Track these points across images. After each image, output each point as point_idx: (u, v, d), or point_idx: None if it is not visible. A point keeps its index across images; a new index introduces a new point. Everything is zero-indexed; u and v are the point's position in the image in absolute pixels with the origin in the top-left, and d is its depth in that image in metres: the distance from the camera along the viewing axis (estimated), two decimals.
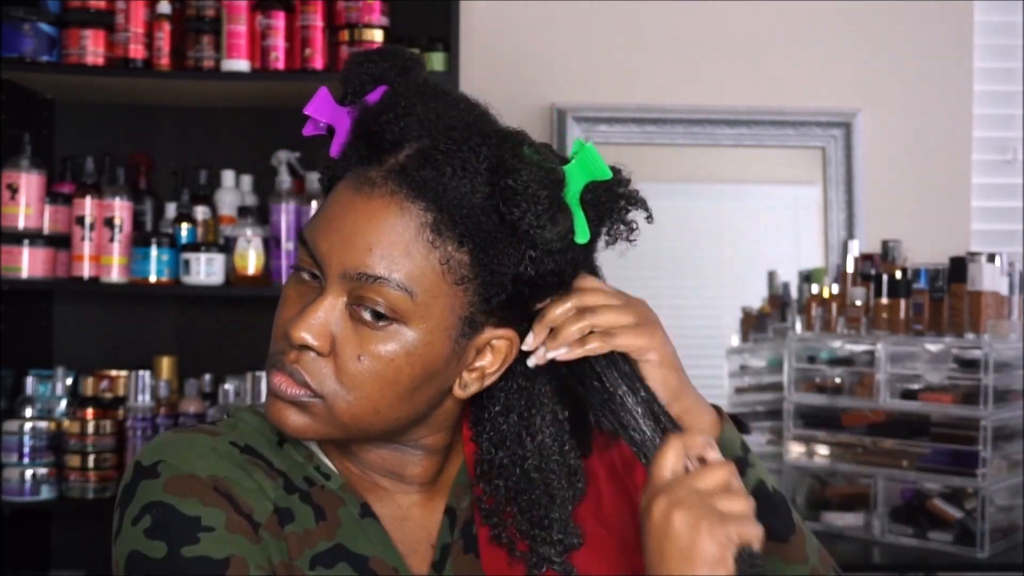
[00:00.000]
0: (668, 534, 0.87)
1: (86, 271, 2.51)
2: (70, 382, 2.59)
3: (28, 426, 2.46)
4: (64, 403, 2.54)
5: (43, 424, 2.48)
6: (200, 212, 2.59)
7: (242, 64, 2.49)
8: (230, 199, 2.64)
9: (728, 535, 0.87)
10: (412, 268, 0.91)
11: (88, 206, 2.51)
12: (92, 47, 2.48)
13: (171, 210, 2.64)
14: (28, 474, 2.45)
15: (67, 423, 2.49)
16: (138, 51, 2.50)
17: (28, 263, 2.48)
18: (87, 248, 2.51)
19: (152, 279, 2.49)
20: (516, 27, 2.85)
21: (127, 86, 2.59)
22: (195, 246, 2.51)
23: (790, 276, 2.79)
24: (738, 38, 2.88)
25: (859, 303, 2.51)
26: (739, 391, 2.81)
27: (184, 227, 2.54)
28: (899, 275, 2.48)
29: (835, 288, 2.61)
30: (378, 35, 2.52)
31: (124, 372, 2.58)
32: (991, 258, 2.42)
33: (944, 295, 2.43)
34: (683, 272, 2.89)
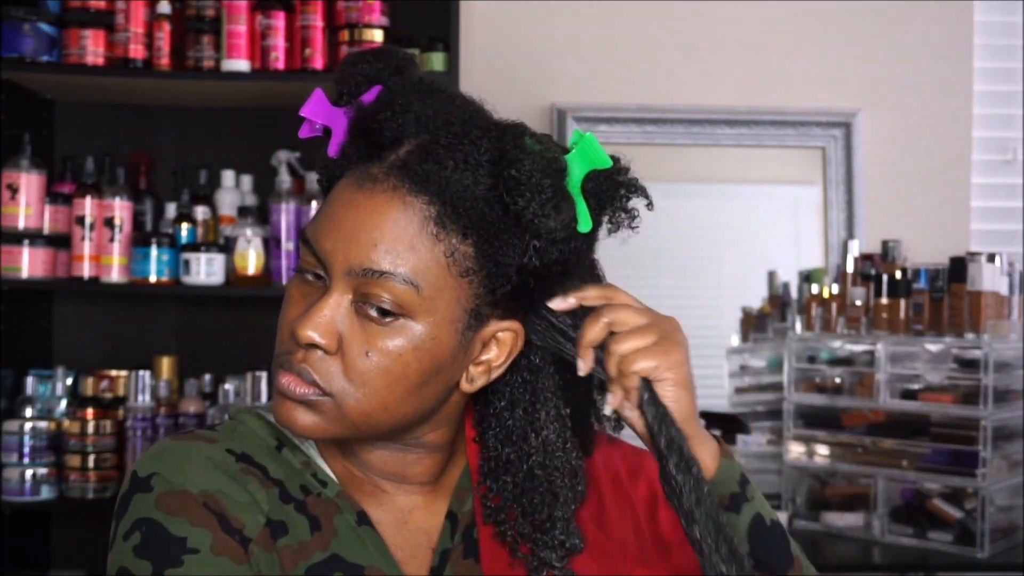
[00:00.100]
0: None
1: (86, 271, 2.51)
2: (70, 382, 2.59)
3: (28, 426, 2.46)
4: (64, 403, 2.54)
5: (43, 424, 2.47)
6: (200, 212, 2.59)
7: (242, 64, 2.49)
8: (230, 199, 2.63)
9: None
10: (417, 262, 0.91)
11: (88, 206, 2.50)
12: (92, 47, 2.48)
13: (171, 210, 2.64)
14: (28, 474, 2.45)
15: (67, 423, 2.49)
16: (138, 51, 2.50)
17: (28, 263, 2.48)
18: (87, 248, 2.50)
19: (152, 279, 2.49)
20: (516, 27, 2.85)
21: (127, 86, 2.59)
22: (195, 246, 2.50)
23: (790, 276, 2.79)
24: (738, 38, 2.87)
25: (859, 303, 2.51)
26: (739, 391, 2.81)
27: (184, 227, 2.54)
28: (899, 275, 2.48)
29: (835, 288, 2.61)
30: (378, 35, 2.52)
31: (124, 372, 2.58)
32: (991, 258, 2.42)
33: (944, 295, 2.43)
34: (683, 272, 2.89)
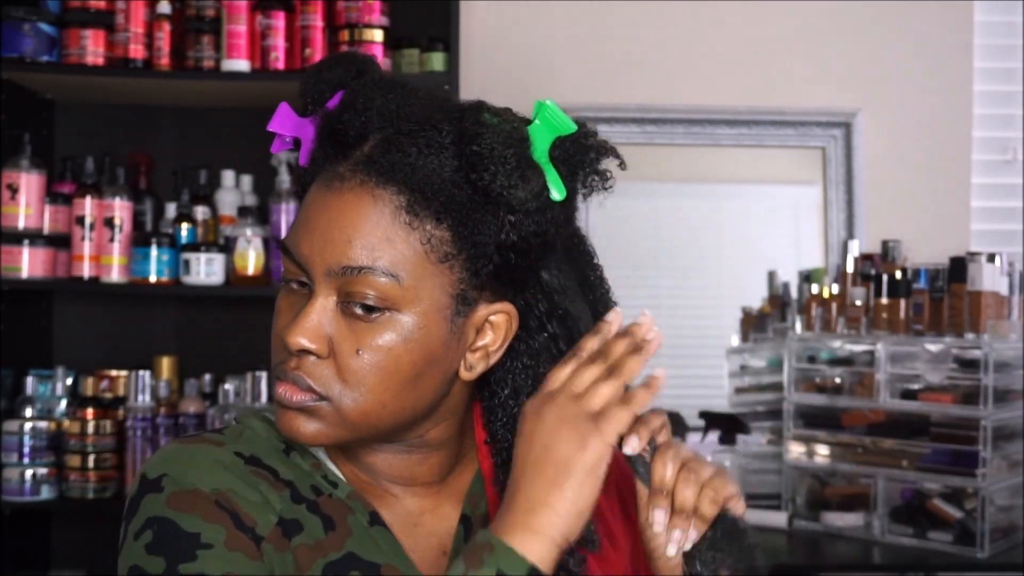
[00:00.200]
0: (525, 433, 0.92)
1: (86, 271, 2.51)
2: (70, 382, 2.59)
3: (28, 426, 2.46)
4: (64, 403, 2.54)
5: (43, 424, 2.47)
6: (200, 212, 2.59)
7: (242, 64, 2.49)
8: (230, 199, 2.64)
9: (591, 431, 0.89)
10: (394, 253, 0.92)
11: (88, 206, 2.51)
12: (92, 47, 2.48)
13: (171, 210, 2.64)
14: (28, 474, 2.45)
15: (67, 423, 2.49)
16: (138, 51, 2.50)
17: (28, 263, 2.48)
18: (87, 248, 2.51)
19: (152, 279, 2.49)
20: (516, 27, 2.85)
21: (127, 86, 2.59)
22: (195, 246, 2.50)
23: (790, 276, 2.79)
24: (738, 38, 2.87)
25: (859, 303, 2.51)
26: (739, 391, 2.80)
27: (184, 227, 2.54)
28: (899, 275, 2.47)
29: (835, 288, 2.61)
30: (378, 35, 2.52)
31: (124, 372, 2.58)
32: (991, 258, 2.42)
33: (944, 295, 2.42)
34: (683, 272, 2.89)
